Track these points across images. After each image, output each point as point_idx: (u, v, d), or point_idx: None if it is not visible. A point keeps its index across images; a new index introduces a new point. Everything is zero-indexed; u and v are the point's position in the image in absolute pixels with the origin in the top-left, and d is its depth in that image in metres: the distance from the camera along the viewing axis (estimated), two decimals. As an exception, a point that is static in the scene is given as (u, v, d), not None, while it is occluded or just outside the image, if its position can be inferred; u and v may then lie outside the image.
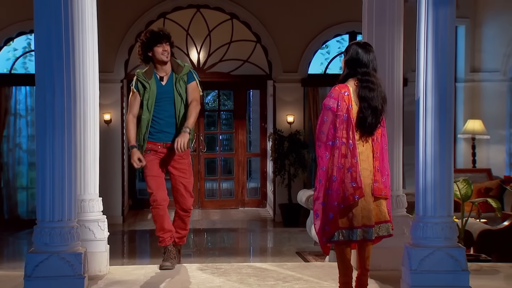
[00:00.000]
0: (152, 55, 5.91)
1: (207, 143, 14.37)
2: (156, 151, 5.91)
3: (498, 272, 5.94)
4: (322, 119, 4.73)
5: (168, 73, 5.97)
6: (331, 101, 4.71)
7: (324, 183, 4.69)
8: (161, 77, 5.95)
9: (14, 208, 12.28)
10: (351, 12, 11.59)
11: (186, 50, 12.92)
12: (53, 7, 4.63)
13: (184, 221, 6.16)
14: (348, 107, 4.69)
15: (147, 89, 5.88)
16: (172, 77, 5.96)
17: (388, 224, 4.82)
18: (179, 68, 5.99)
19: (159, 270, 5.92)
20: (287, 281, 5.55)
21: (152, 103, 5.87)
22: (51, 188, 4.66)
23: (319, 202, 4.70)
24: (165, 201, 5.92)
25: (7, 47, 12.37)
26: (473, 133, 11.83)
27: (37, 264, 4.61)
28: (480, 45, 12.37)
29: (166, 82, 5.95)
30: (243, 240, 11.45)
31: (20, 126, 12.35)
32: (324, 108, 4.73)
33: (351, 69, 4.79)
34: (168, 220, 5.99)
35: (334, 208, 4.64)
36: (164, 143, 5.91)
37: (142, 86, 5.90)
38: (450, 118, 4.77)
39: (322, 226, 4.70)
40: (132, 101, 5.96)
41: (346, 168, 4.64)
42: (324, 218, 4.68)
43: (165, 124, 5.91)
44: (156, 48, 5.87)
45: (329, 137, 4.68)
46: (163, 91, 5.91)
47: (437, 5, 4.71)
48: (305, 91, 12.69)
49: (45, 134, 4.66)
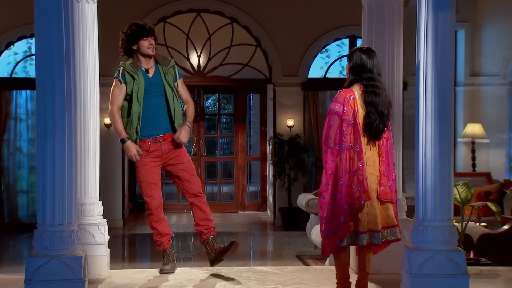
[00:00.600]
0: (137, 48, 5.77)
1: (207, 147, 14.38)
2: (148, 150, 5.76)
3: (498, 276, 5.94)
4: (328, 124, 4.76)
5: (153, 66, 5.85)
6: (337, 105, 4.74)
7: (332, 187, 4.72)
8: (146, 69, 5.83)
9: (15, 211, 12.28)
10: (351, 16, 11.61)
11: (186, 54, 12.94)
12: (53, 12, 4.64)
13: (202, 209, 5.95)
14: (354, 111, 4.73)
15: (136, 80, 5.72)
16: (158, 69, 5.85)
17: (396, 228, 4.86)
18: (166, 60, 5.91)
19: (159, 274, 5.92)
20: (287, 285, 5.55)
21: (141, 94, 5.73)
22: (51, 192, 4.67)
23: (327, 205, 4.72)
24: (160, 206, 5.88)
25: (7, 51, 12.39)
26: (473, 137, 11.83)
27: (38, 268, 4.61)
28: (479, 49, 12.38)
29: (153, 74, 5.83)
30: (243, 243, 11.43)
31: (20, 130, 12.36)
32: (330, 113, 4.76)
33: (356, 75, 4.83)
34: (164, 224, 5.95)
35: (345, 211, 4.70)
36: (153, 137, 5.77)
37: (131, 77, 5.72)
38: (450, 122, 4.78)
39: (332, 230, 4.72)
40: (117, 93, 5.74)
41: (353, 171, 4.67)
42: (335, 222, 4.71)
43: (154, 117, 5.77)
44: (142, 42, 5.75)
45: (336, 142, 4.72)
46: (151, 82, 5.79)
47: (436, 9, 4.73)
48: (305, 95, 12.71)
49: (45, 138, 4.67)
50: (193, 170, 5.95)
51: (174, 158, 5.86)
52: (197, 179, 5.98)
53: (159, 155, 5.80)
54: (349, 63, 4.89)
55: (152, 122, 5.77)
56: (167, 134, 5.82)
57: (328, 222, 4.73)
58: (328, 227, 4.73)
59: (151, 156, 5.79)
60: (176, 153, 5.86)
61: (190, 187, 5.90)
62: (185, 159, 5.93)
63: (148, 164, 5.79)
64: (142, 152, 5.76)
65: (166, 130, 5.82)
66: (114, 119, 5.76)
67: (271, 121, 13.14)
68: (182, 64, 12.86)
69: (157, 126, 5.79)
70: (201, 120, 13.98)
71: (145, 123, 5.75)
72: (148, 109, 5.76)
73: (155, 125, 5.77)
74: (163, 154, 5.80)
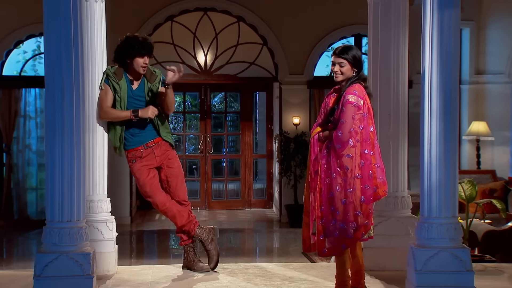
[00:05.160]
0: (130, 62, 5.66)
1: (214, 145, 14.43)
2: (141, 156, 5.75)
3: (503, 273, 5.96)
4: (349, 117, 4.73)
5: (139, 78, 5.77)
6: (358, 99, 4.76)
7: (365, 180, 4.74)
8: (131, 80, 5.75)
9: (24, 208, 12.36)
10: (356, 15, 11.63)
11: (193, 53, 12.99)
12: (62, 10, 4.67)
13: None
14: (369, 106, 4.80)
15: (117, 91, 5.65)
16: (143, 83, 5.77)
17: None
18: (152, 76, 5.78)
19: (166, 270, 5.96)
20: (293, 281, 5.59)
21: (124, 105, 5.68)
22: (60, 189, 4.70)
23: (359, 200, 4.74)
24: (168, 200, 5.80)
25: (17, 49, 12.47)
26: (477, 135, 11.85)
27: (47, 264, 4.65)
28: (484, 48, 12.38)
29: (137, 87, 5.76)
30: (249, 240, 11.50)
31: (29, 128, 12.43)
32: (352, 106, 4.74)
33: (360, 71, 4.88)
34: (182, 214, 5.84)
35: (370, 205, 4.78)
36: (144, 144, 5.75)
37: (113, 87, 5.67)
38: (454, 119, 4.80)
39: (363, 222, 4.75)
40: (103, 96, 5.64)
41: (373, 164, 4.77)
42: (367, 214, 4.77)
43: (140, 127, 5.71)
44: (137, 59, 5.63)
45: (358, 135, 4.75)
46: (134, 95, 5.73)
47: (442, 8, 4.74)
48: (311, 93, 12.74)
49: (54, 135, 4.70)
50: (182, 177, 5.91)
51: (166, 161, 5.83)
52: (185, 187, 5.93)
53: (152, 157, 5.78)
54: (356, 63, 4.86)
55: (139, 133, 5.74)
56: (157, 139, 5.79)
57: (364, 214, 4.74)
58: (363, 219, 4.75)
59: (144, 162, 5.77)
60: (168, 156, 5.83)
61: (176, 194, 5.87)
62: (176, 163, 5.89)
63: (143, 168, 5.77)
64: (136, 160, 5.75)
65: (154, 136, 5.79)
66: (110, 113, 5.66)
67: (277, 119, 13.18)
68: (189, 62, 12.92)
69: (145, 135, 5.76)
70: (208, 118, 14.03)
71: (131, 134, 5.73)
72: (131, 121, 5.68)
73: (142, 135, 5.75)
74: (156, 156, 5.78)
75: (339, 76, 4.87)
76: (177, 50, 12.75)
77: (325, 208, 4.80)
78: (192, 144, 16.23)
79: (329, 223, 4.79)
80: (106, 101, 5.66)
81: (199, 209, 13.59)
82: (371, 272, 5.64)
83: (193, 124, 16.04)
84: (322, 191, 4.81)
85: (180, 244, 6.02)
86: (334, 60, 4.89)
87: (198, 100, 14.42)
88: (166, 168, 5.84)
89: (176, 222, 5.87)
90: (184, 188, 5.92)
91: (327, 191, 4.79)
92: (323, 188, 4.81)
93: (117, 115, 5.68)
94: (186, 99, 15.07)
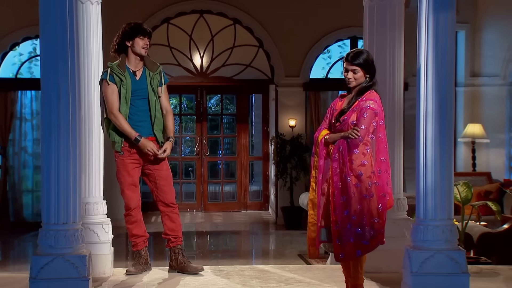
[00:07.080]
0: (131, 45, 5.72)
1: (210, 147, 14.42)
2: (129, 151, 5.73)
3: (498, 275, 5.97)
4: (370, 123, 4.74)
5: (141, 69, 5.81)
6: (378, 107, 4.76)
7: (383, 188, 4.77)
8: (134, 71, 5.78)
9: (20, 210, 12.33)
10: (352, 17, 11.62)
11: (189, 55, 12.99)
12: (58, 12, 4.67)
13: (173, 220, 5.92)
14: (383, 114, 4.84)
15: (123, 82, 5.67)
16: (145, 73, 5.81)
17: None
18: (154, 65, 5.85)
19: (161, 273, 5.97)
20: (289, 283, 5.60)
21: (129, 96, 5.69)
22: (56, 191, 4.70)
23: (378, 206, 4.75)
24: (138, 207, 5.87)
25: (13, 52, 12.44)
26: (473, 137, 11.87)
27: (42, 266, 4.65)
28: (480, 50, 12.41)
29: (140, 77, 5.79)
30: (245, 242, 11.50)
31: (25, 130, 12.41)
32: (373, 113, 4.72)
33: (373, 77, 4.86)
34: (140, 225, 5.93)
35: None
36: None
37: (119, 78, 5.66)
38: (450, 122, 4.82)
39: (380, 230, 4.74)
40: (110, 95, 5.65)
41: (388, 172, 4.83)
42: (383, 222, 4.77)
43: (137, 119, 5.74)
44: (138, 40, 5.70)
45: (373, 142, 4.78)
46: (137, 85, 5.75)
47: (437, 10, 4.76)
48: (307, 96, 12.74)
49: (50, 137, 4.70)
50: (170, 179, 5.90)
51: (154, 163, 5.81)
52: (173, 189, 5.92)
53: (140, 156, 5.77)
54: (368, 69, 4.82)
55: (135, 124, 5.73)
56: (149, 137, 5.78)
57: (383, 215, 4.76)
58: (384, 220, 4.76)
59: (131, 158, 5.76)
60: (158, 160, 5.81)
61: (164, 197, 5.86)
62: (165, 166, 5.88)
63: (129, 165, 5.76)
64: (124, 153, 5.75)
65: (148, 133, 5.78)
66: (120, 121, 5.67)
67: (273, 121, 13.18)
68: (185, 64, 12.93)
69: (140, 128, 5.74)
70: (204, 120, 14.03)
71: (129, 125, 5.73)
72: (133, 111, 5.74)
73: (138, 128, 5.73)
74: (143, 155, 5.76)
75: (352, 82, 4.84)
76: (173, 52, 12.75)
77: (339, 212, 4.71)
78: (188, 146, 16.21)
79: (344, 229, 4.71)
80: (115, 101, 5.66)
81: (195, 211, 13.58)
82: (367, 274, 5.62)
83: (189, 126, 16.02)
84: (335, 195, 4.73)
85: (167, 246, 6.01)
86: (347, 67, 4.83)
87: (194, 103, 14.42)
88: (155, 170, 5.83)
89: (132, 228, 5.90)
90: (172, 190, 5.91)
91: (340, 195, 4.72)
92: (335, 192, 4.74)
93: (123, 127, 5.67)
94: (182, 101, 15.06)
